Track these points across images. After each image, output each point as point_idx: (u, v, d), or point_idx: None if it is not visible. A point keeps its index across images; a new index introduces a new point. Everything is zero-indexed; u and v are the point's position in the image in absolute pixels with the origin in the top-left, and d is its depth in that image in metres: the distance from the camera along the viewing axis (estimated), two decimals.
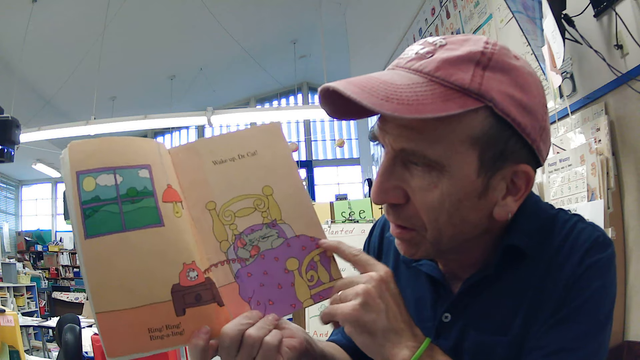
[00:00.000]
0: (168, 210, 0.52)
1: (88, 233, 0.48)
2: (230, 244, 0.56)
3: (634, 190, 1.48)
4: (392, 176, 0.53)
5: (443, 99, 0.48)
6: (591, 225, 0.58)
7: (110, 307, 0.47)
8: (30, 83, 6.63)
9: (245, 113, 5.95)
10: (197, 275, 0.51)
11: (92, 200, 0.49)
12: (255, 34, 7.17)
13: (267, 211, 0.58)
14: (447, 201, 0.51)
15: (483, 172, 0.51)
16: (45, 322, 4.60)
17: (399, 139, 0.51)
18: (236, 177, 0.58)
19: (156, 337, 0.48)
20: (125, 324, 0.48)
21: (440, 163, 0.50)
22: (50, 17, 5.45)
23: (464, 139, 0.49)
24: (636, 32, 1.45)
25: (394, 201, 0.54)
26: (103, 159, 0.50)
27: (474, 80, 0.48)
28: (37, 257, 9.23)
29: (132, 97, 8.12)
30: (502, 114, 0.49)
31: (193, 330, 0.50)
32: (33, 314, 6.35)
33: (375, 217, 2.42)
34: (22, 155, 5.47)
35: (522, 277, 0.57)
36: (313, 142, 10.66)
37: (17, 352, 1.73)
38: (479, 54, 0.50)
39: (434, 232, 0.53)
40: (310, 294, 0.57)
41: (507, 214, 0.54)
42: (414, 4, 3.70)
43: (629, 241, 1.49)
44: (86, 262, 0.48)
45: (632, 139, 1.49)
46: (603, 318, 0.54)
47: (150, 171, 0.52)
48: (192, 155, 0.58)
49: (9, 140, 4.07)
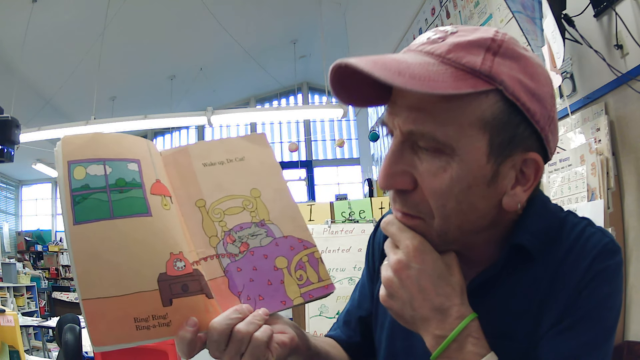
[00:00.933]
0: (156, 202, 0.53)
1: (76, 219, 0.49)
2: (220, 240, 0.57)
3: (634, 190, 1.48)
4: (400, 161, 0.52)
5: (454, 78, 0.47)
6: (600, 230, 0.57)
7: (96, 294, 0.48)
8: (30, 83, 6.63)
9: (245, 113, 5.96)
10: (185, 266, 0.51)
11: (81, 188, 0.50)
12: (255, 34, 7.17)
13: (256, 211, 0.60)
14: (456, 186, 0.50)
15: (493, 158, 0.50)
16: (45, 322, 4.60)
17: (408, 121, 0.50)
18: (225, 179, 0.61)
19: (142, 327, 0.48)
20: (112, 312, 0.48)
21: (450, 145, 0.49)
22: (50, 17, 5.45)
23: (473, 121, 0.49)
24: (636, 32, 1.45)
25: (401, 186, 0.53)
26: (94, 151, 0.52)
27: (485, 64, 0.48)
28: (37, 257, 9.22)
29: (132, 97, 8.11)
30: (512, 98, 0.49)
31: (180, 321, 0.50)
32: (33, 314, 6.34)
33: (375, 217, 2.42)
34: (22, 155, 5.47)
35: (530, 280, 0.56)
36: (313, 142, 10.66)
37: (17, 352, 1.73)
38: (490, 40, 0.50)
39: (441, 220, 0.52)
40: (300, 292, 0.58)
41: (516, 204, 0.53)
42: (414, 4, 3.70)
43: (629, 241, 1.49)
44: (74, 248, 0.48)
45: (632, 139, 1.49)
46: (610, 326, 0.54)
47: (139, 165, 0.54)
48: (183, 156, 0.61)
49: (9, 140, 4.07)
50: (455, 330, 0.51)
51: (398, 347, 0.66)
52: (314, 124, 10.68)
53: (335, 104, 5.20)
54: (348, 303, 0.83)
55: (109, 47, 5.60)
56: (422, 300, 0.51)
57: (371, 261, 0.78)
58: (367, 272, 0.79)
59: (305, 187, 9.75)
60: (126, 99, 7.93)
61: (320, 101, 10.34)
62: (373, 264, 0.77)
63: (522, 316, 0.56)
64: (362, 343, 0.77)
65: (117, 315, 0.48)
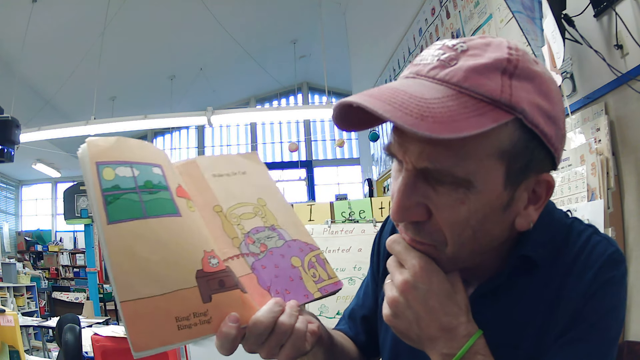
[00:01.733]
0: (183, 204, 0.54)
1: (110, 219, 0.48)
2: (242, 240, 0.59)
3: (634, 190, 1.48)
4: (414, 193, 0.50)
5: (476, 113, 0.45)
6: (606, 238, 0.57)
7: (135, 295, 0.46)
8: (30, 83, 6.63)
9: (245, 113, 5.96)
10: (218, 262, 0.52)
11: (112, 188, 0.49)
12: (255, 34, 7.18)
13: (266, 217, 0.63)
14: (473, 217, 0.49)
15: (509, 185, 0.49)
16: (45, 322, 4.59)
17: (422, 157, 0.48)
18: (234, 188, 0.64)
19: (184, 326, 0.47)
20: (152, 313, 0.46)
21: (468, 180, 0.47)
22: (50, 17, 5.45)
23: (492, 153, 0.47)
24: (636, 32, 1.45)
25: (416, 219, 0.51)
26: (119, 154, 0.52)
27: (505, 91, 0.46)
28: (37, 257, 9.23)
29: (132, 97, 8.12)
30: (532, 126, 0.47)
31: (220, 318, 0.50)
32: (33, 314, 6.34)
33: (375, 217, 2.42)
34: (22, 155, 5.48)
35: (535, 289, 0.56)
36: (313, 142, 10.66)
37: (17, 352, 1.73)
38: (505, 61, 0.47)
39: (455, 247, 0.51)
40: (317, 287, 0.60)
41: (528, 224, 0.52)
42: (414, 4, 3.70)
43: (629, 241, 1.49)
44: (109, 248, 0.47)
45: (632, 139, 1.49)
46: (614, 336, 0.54)
47: (162, 169, 0.55)
48: (193, 167, 0.63)
49: (9, 140, 4.08)
50: (463, 349, 0.51)
51: (402, 349, 0.66)
52: (314, 124, 10.68)
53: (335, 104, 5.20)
54: (353, 301, 0.83)
55: (109, 47, 5.60)
56: (430, 320, 0.51)
57: (376, 261, 0.78)
58: (371, 272, 0.80)
59: (305, 187, 9.75)
60: (126, 99, 7.94)
61: (320, 101, 10.34)
62: (378, 264, 0.78)
63: (527, 325, 0.55)
64: (367, 342, 0.78)
65: (158, 315, 0.47)
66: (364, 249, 2.25)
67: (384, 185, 5.37)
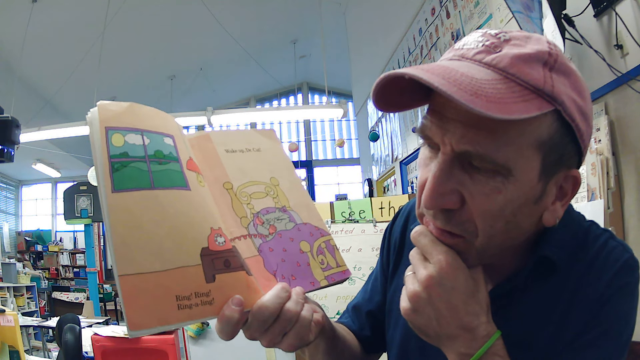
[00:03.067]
0: (192, 178, 0.51)
1: (115, 187, 0.45)
2: (250, 220, 0.57)
3: (634, 190, 1.48)
4: (451, 179, 0.49)
5: (522, 99, 0.45)
6: (621, 244, 0.57)
7: (135, 269, 0.44)
8: (30, 83, 6.63)
9: (245, 113, 5.96)
10: (225, 242, 0.50)
11: (120, 155, 0.47)
12: (255, 34, 7.18)
13: (277, 198, 0.61)
14: (508, 207, 0.48)
15: (543, 177, 0.49)
16: (45, 322, 4.59)
17: (464, 140, 0.47)
18: (247, 165, 0.61)
19: (184, 306, 0.45)
20: (152, 289, 0.44)
21: (508, 167, 0.47)
22: (50, 17, 5.45)
23: (531, 142, 0.47)
24: (636, 32, 1.45)
25: (449, 206, 0.50)
26: (131, 120, 0.50)
27: (547, 82, 0.47)
28: (37, 257, 9.23)
29: (132, 97, 8.08)
30: (569, 119, 0.48)
31: (223, 300, 0.47)
32: (33, 314, 6.34)
33: (375, 217, 2.41)
34: (22, 155, 5.48)
35: (551, 291, 0.56)
36: (313, 142, 10.66)
37: (17, 352, 1.73)
38: (547, 54, 0.48)
39: (485, 239, 0.50)
40: (324, 275, 0.59)
41: (555, 219, 0.52)
42: (414, 4, 3.70)
43: (629, 241, 1.49)
44: (112, 217, 0.44)
45: (632, 139, 1.49)
46: (624, 342, 0.54)
47: (174, 140, 0.52)
48: (206, 141, 0.60)
49: (9, 140, 4.07)
50: (482, 349, 0.50)
51: (412, 346, 0.66)
52: (314, 124, 10.68)
53: (335, 103, 5.20)
54: (359, 294, 0.82)
55: (109, 47, 5.60)
56: (451, 318, 0.50)
57: (386, 255, 0.77)
58: (381, 266, 0.78)
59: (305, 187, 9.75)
60: (126, 99, 7.73)
61: (320, 101, 10.34)
62: (388, 258, 0.76)
63: (542, 327, 0.55)
64: (371, 337, 0.77)
65: (158, 292, 0.44)
66: (364, 249, 2.25)
67: (384, 185, 5.37)
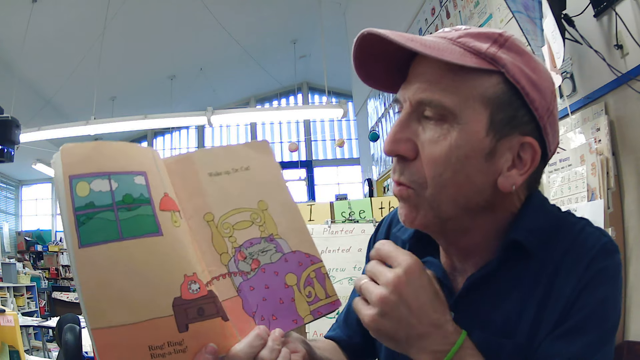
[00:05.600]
0: (166, 219, 0.49)
1: (82, 242, 0.45)
2: (231, 257, 0.54)
3: (634, 190, 1.48)
4: (406, 129, 0.56)
5: (461, 55, 0.53)
6: (599, 229, 0.58)
7: (107, 322, 0.44)
8: (30, 83, 6.63)
9: (245, 113, 5.95)
10: (199, 288, 0.48)
11: (86, 206, 0.45)
12: (255, 34, 7.18)
13: (264, 225, 0.57)
14: (454, 154, 0.53)
15: (492, 133, 0.53)
16: (45, 322, 4.60)
17: (419, 91, 0.55)
18: (232, 190, 0.58)
19: (157, 355, 0.45)
20: (124, 341, 0.44)
21: (453, 112, 0.53)
22: (50, 17, 5.45)
23: (476, 96, 0.53)
24: (636, 32, 1.45)
25: (403, 152, 0.56)
26: (97, 163, 0.47)
27: (490, 50, 0.54)
28: (37, 257, 9.22)
29: (132, 97, 8.12)
30: (513, 81, 0.53)
31: (197, 347, 0.47)
32: (33, 314, 6.34)
33: (375, 217, 2.42)
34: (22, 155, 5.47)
35: (528, 278, 0.56)
36: (313, 142, 10.66)
37: (17, 352, 1.73)
38: (497, 35, 0.55)
39: (435, 190, 0.54)
40: (309, 309, 0.56)
41: (510, 185, 0.55)
42: (414, 4, 3.70)
43: (629, 241, 1.49)
44: (80, 273, 0.44)
45: (632, 139, 1.49)
46: (612, 326, 0.54)
47: (146, 178, 0.50)
48: (188, 165, 0.57)
49: (9, 140, 4.07)
50: (457, 343, 0.51)
51: None
52: (314, 124, 10.68)
53: (335, 103, 5.20)
54: (348, 302, 0.82)
55: (109, 47, 5.60)
56: (421, 316, 0.51)
57: None
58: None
59: (305, 187, 9.75)
60: (126, 99, 7.94)
61: (320, 101, 10.34)
62: None
63: (521, 314, 0.56)
64: (363, 343, 0.77)
65: (131, 344, 0.44)
66: (364, 249, 2.24)
67: (384, 185, 5.37)
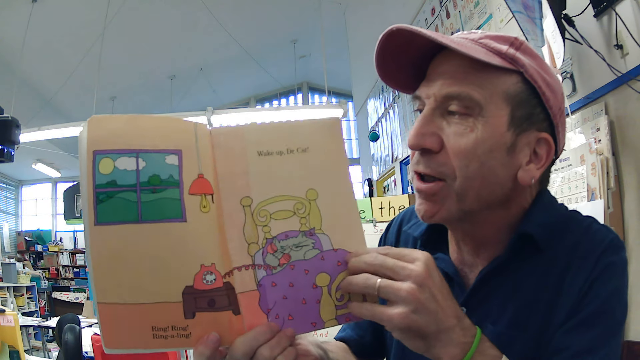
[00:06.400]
0: (194, 204, 0.47)
1: (98, 220, 0.43)
2: (260, 248, 0.50)
3: (634, 190, 1.48)
4: (431, 124, 0.57)
5: (485, 54, 0.56)
6: (605, 227, 0.60)
7: (113, 299, 0.44)
8: (30, 83, 6.62)
9: (245, 113, 5.95)
10: (215, 279, 0.47)
11: (107, 184, 0.44)
12: (255, 34, 7.17)
13: (307, 217, 0.52)
14: (480, 147, 0.55)
15: (512, 128, 0.56)
16: (45, 322, 4.60)
17: (445, 86, 0.57)
18: (280, 173, 0.51)
19: (159, 336, 0.45)
20: (128, 318, 0.44)
21: (480, 105, 0.55)
22: (50, 17, 5.44)
23: (499, 93, 0.56)
24: (636, 32, 1.45)
25: (428, 146, 0.57)
26: (126, 139, 0.45)
27: (509, 51, 0.57)
28: (37, 257, 9.22)
29: (132, 97, 8.11)
30: (531, 80, 0.57)
31: (201, 334, 0.46)
32: (33, 314, 6.34)
33: (375, 217, 2.41)
34: (22, 155, 5.47)
35: (539, 273, 0.58)
36: None
37: (17, 352, 1.72)
38: (513, 38, 0.59)
39: (463, 180, 0.56)
40: (335, 314, 0.52)
41: (530, 179, 0.58)
42: (414, 4, 3.70)
43: (629, 241, 1.49)
44: (92, 251, 0.43)
45: (632, 139, 1.49)
46: (620, 319, 0.56)
47: (180, 157, 0.47)
48: (237, 140, 0.51)
49: (9, 140, 4.07)
50: (477, 333, 0.52)
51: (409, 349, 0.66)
52: None
53: (335, 103, 5.19)
54: None
55: (109, 47, 5.60)
56: (446, 308, 0.50)
57: None
58: None
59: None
60: (126, 99, 7.93)
61: (320, 101, 10.34)
62: None
63: (532, 307, 0.57)
64: (373, 343, 0.77)
65: (134, 322, 0.44)
66: None
67: (384, 185, 5.37)
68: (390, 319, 0.49)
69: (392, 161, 4.82)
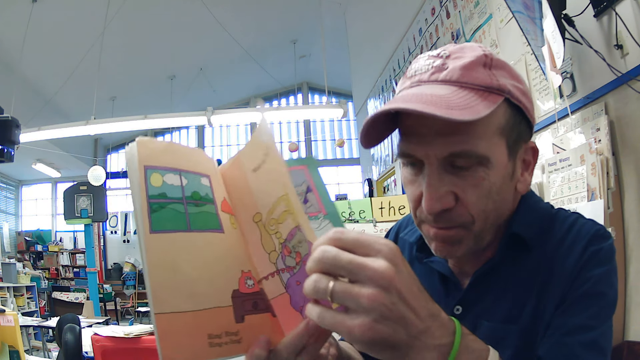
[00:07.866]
0: (226, 220, 0.52)
1: (153, 227, 0.46)
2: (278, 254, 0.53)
3: (634, 190, 1.48)
4: (443, 183, 0.56)
5: (481, 99, 0.54)
6: (591, 220, 0.62)
7: (170, 308, 0.45)
8: (30, 83, 6.63)
9: (245, 113, 5.95)
10: (254, 284, 0.51)
11: (159, 195, 0.47)
12: (255, 34, 7.18)
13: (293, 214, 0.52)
14: (493, 189, 0.57)
15: (511, 156, 0.58)
16: (45, 322, 4.60)
17: (448, 146, 0.55)
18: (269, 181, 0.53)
19: (215, 344, 0.47)
20: (186, 327, 0.46)
21: (487, 156, 0.55)
22: (50, 17, 5.45)
23: (495, 131, 0.56)
24: (636, 32, 1.45)
25: (447, 206, 0.56)
26: (169, 159, 0.49)
27: (493, 79, 0.56)
28: (37, 257, 9.23)
29: (132, 97, 8.12)
30: (517, 102, 0.57)
31: (250, 339, 0.49)
32: (33, 314, 6.34)
33: (375, 217, 2.42)
34: (22, 155, 5.48)
35: (528, 269, 0.60)
36: (313, 142, 10.66)
37: (17, 352, 1.73)
38: (483, 57, 0.57)
39: (480, 222, 0.57)
40: None
41: (526, 187, 0.61)
42: (414, 4, 3.70)
43: (629, 241, 1.49)
44: (149, 258, 0.45)
45: (632, 139, 1.50)
46: (611, 301, 0.57)
47: (210, 180, 0.52)
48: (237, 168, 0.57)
49: (9, 140, 4.07)
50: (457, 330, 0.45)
51: None
52: (314, 124, 10.68)
53: (335, 103, 5.20)
54: None
55: (109, 47, 5.60)
56: (418, 309, 0.42)
57: None
58: None
59: None
60: (126, 99, 7.94)
61: (320, 101, 10.35)
62: None
63: (524, 302, 0.59)
64: None
65: (191, 330, 0.46)
66: None
67: (384, 185, 5.37)
68: (350, 332, 0.40)
69: (392, 161, 4.82)
